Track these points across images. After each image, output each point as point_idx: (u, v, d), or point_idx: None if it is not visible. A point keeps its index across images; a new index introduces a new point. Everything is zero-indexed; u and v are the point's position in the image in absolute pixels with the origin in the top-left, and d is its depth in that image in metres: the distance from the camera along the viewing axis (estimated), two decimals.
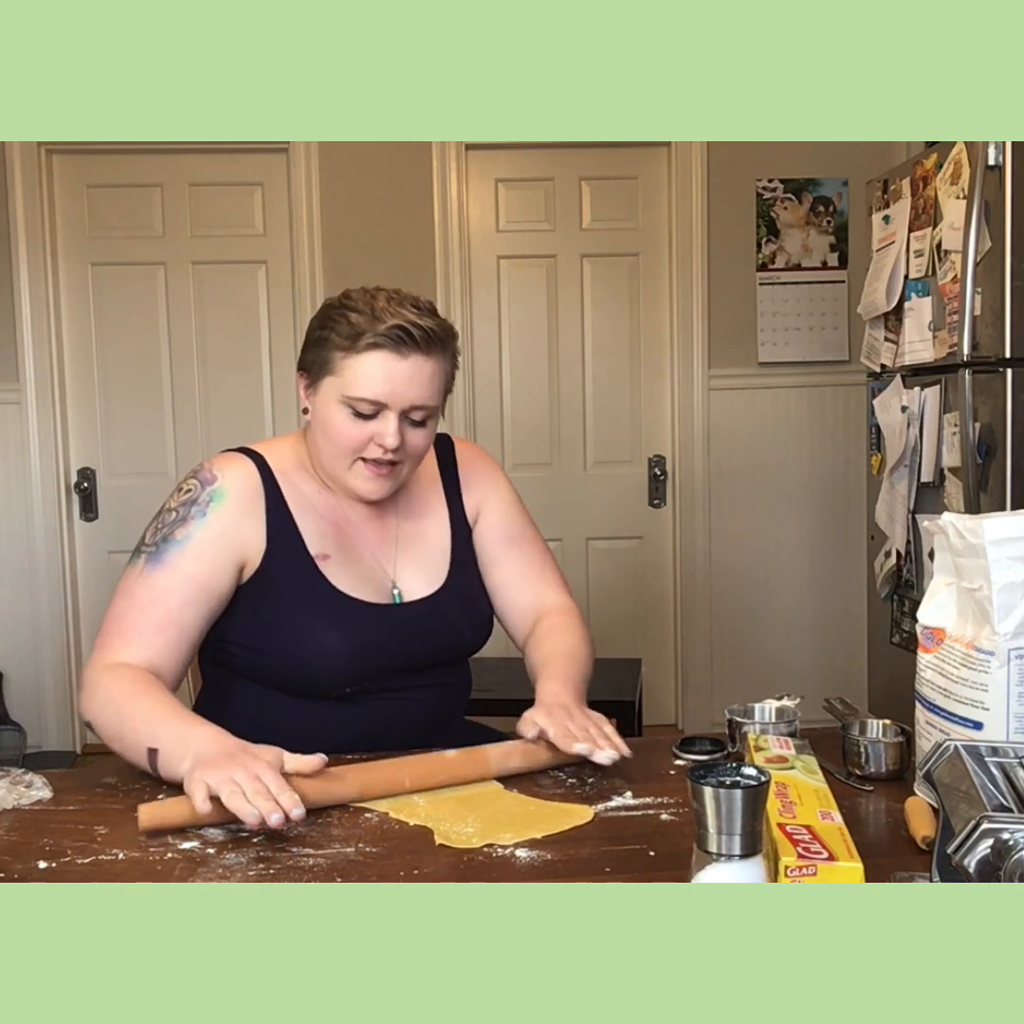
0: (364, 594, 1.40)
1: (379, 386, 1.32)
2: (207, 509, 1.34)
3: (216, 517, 1.34)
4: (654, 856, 1.04)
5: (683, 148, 3.58)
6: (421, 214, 3.56)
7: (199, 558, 1.32)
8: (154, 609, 1.30)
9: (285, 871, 1.02)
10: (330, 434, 1.36)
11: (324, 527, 1.41)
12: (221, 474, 1.37)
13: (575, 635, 1.48)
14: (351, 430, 1.35)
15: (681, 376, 3.66)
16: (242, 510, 1.36)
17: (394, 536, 1.47)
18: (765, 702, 1.29)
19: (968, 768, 0.87)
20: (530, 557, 1.54)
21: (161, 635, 1.30)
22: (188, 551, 1.32)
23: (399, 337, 1.31)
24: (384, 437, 1.33)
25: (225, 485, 1.36)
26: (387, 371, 1.32)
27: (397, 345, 1.31)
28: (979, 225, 2.29)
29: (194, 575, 1.32)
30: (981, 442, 2.37)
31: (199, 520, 1.33)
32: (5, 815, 1.17)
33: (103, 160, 3.53)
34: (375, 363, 1.31)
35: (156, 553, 1.33)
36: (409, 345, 1.31)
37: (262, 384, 3.64)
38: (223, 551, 1.34)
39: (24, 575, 3.57)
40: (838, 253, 3.62)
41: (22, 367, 3.50)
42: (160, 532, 1.35)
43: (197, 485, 1.37)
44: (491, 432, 3.68)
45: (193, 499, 1.35)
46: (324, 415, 1.37)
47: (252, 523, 1.36)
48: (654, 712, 3.71)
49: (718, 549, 3.71)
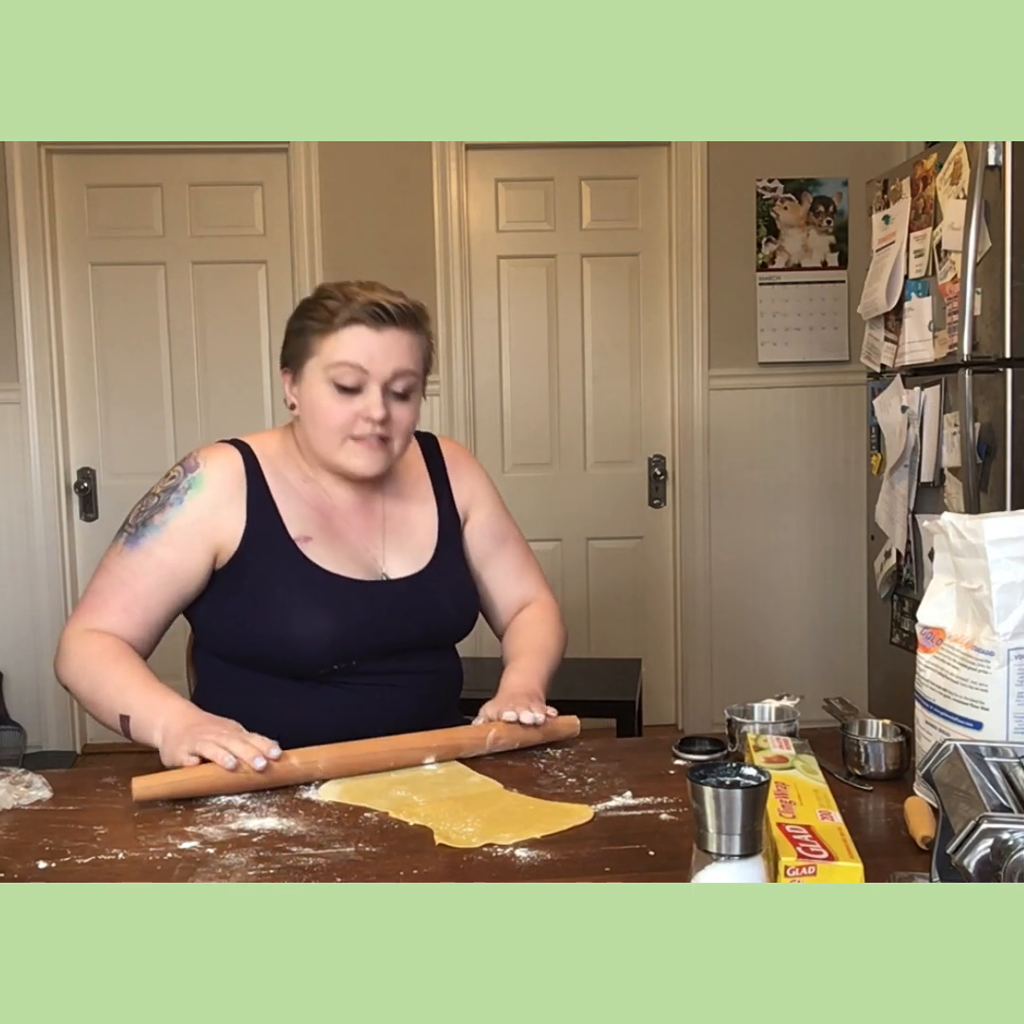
0: (348, 572, 1.44)
1: (360, 354, 1.39)
2: (184, 496, 1.41)
3: (192, 505, 1.41)
4: (654, 856, 1.04)
5: (683, 148, 3.58)
6: (421, 214, 3.56)
7: (172, 544, 1.40)
8: (124, 590, 1.40)
9: (285, 871, 1.02)
10: (318, 417, 1.42)
11: (307, 512, 1.46)
12: (204, 463, 1.44)
13: (547, 629, 1.58)
14: (338, 408, 1.40)
15: (681, 376, 3.66)
16: (220, 497, 1.42)
17: (381, 523, 1.50)
18: (765, 702, 1.29)
19: (968, 768, 0.87)
20: (515, 555, 1.63)
21: (127, 614, 1.39)
22: (163, 537, 1.40)
23: (375, 312, 1.38)
24: (370, 409, 1.39)
25: (205, 472, 1.43)
26: (365, 341, 1.39)
27: (373, 320, 1.39)
28: (979, 225, 2.29)
29: (165, 561, 1.40)
30: (981, 442, 2.37)
31: (176, 507, 1.41)
32: (5, 815, 1.17)
33: (103, 160, 3.53)
34: (353, 335, 1.39)
35: (135, 536, 1.42)
36: (385, 320, 1.39)
37: (262, 384, 3.65)
38: (196, 538, 1.41)
39: (24, 575, 3.57)
40: (838, 253, 3.62)
41: (22, 367, 3.50)
42: (142, 515, 1.43)
43: (180, 472, 1.44)
44: (491, 432, 3.68)
45: (174, 486, 1.43)
46: (311, 399, 1.42)
47: (231, 509, 1.42)
48: (654, 712, 3.71)
49: (718, 549, 3.71)
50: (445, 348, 3.59)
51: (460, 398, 3.60)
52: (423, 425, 1.55)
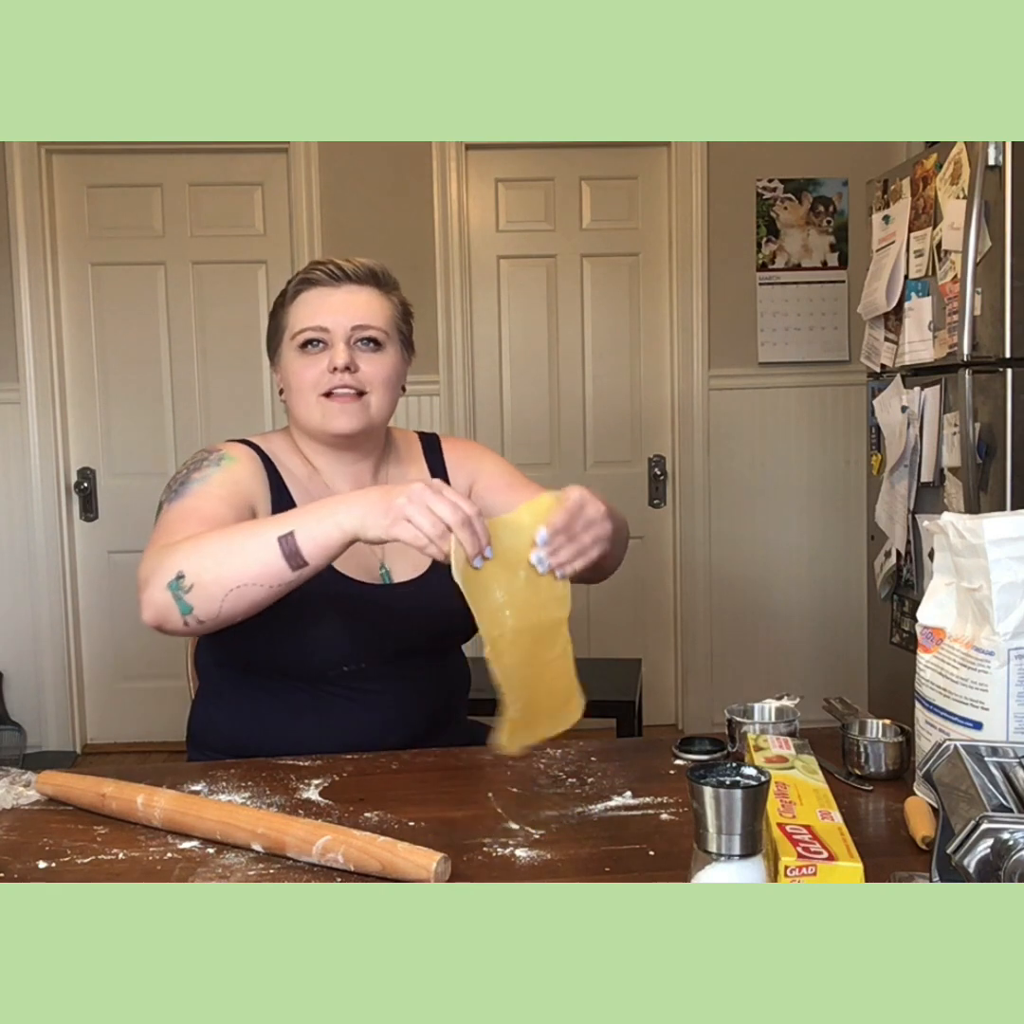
0: (354, 574, 1.41)
1: (318, 316, 1.41)
2: (220, 463, 1.39)
3: (230, 469, 1.38)
4: (654, 856, 1.04)
5: (683, 148, 3.58)
6: (421, 214, 3.56)
7: (222, 487, 1.35)
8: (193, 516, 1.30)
9: (285, 871, 1.02)
10: (292, 383, 1.43)
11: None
12: (227, 449, 1.43)
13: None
14: (306, 367, 1.41)
15: (681, 376, 3.66)
16: (253, 473, 1.41)
17: None
18: (765, 702, 1.29)
19: (968, 768, 0.87)
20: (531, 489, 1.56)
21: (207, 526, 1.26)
22: (211, 484, 1.35)
23: (330, 272, 1.42)
24: (333, 359, 1.40)
25: (233, 453, 1.42)
26: (322, 300, 1.42)
27: (329, 278, 1.42)
28: (979, 225, 2.29)
29: (220, 496, 1.34)
30: (981, 442, 2.37)
31: (214, 467, 1.38)
32: (5, 815, 1.17)
33: (103, 160, 3.53)
34: (310, 297, 1.42)
35: (178, 492, 1.35)
36: (340, 278, 1.42)
37: (262, 384, 3.64)
38: (239, 494, 1.36)
39: (24, 575, 3.57)
40: (838, 253, 3.62)
41: (22, 367, 3.51)
42: (176, 481, 1.37)
43: (206, 454, 1.42)
44: (491, 432, 3.68)
45: (204, 459, 1.40)
46: (286, 370, 1.45)
47: (261, 489, 1.40)
48: (654, 712, 3.71)
49: (718, 549, 3.71)
50: (445, 348, 3.59)
51: (460, 398, 3.60)
52: (423, 426, 1.55)
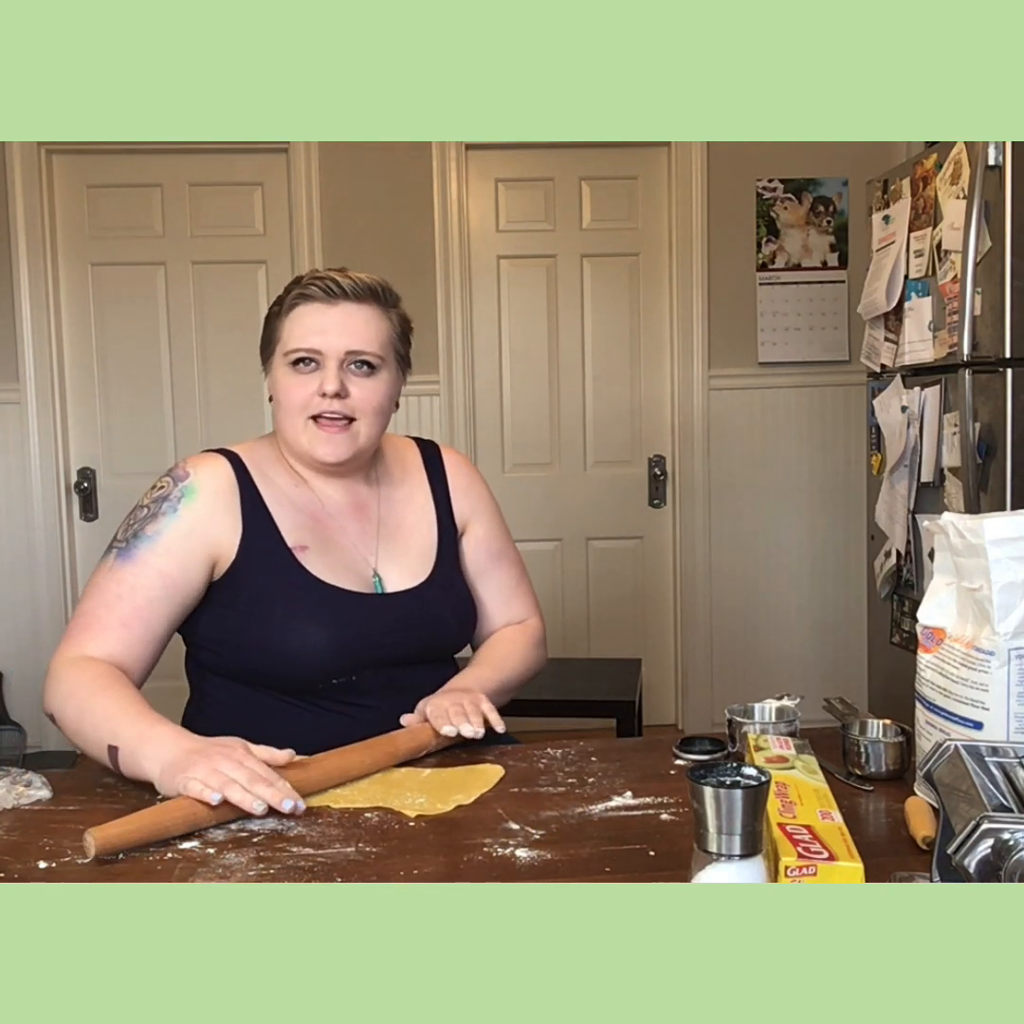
0: (345, 583, 1.40)
1: (312, 336, 1.38)
2: (179, 505, 1.35)
3: (188, 513, 1.35)
4: (654, 856, 1.04)
5: (683, 148, 3.58)
6: (421, 214, 3.56)
7: (169, 554, 1.33)
8: (121, 604, 1.31)
9: (285, 871, 1.02)
10: (281, 399, 1.43)
11: (301, 519, 1.42)
12: (194, 471, 1.39)
13: (513, 648, 1.53)
14: (296, 386, 1.40)
15: (681, 376, 3.66)
16: (215, 506, 1.37)
17: (376, 528, 1.47)
18: (765, 702, 1.29)
19: (968, 768, 0.87)
20: (509, 576, 1.60)
21: (127, 630, 1.30)
22: (158, 547, 1.33)
23: (327, 287, 1.38)
24: (323, 384, 1.38)
25: (197, 481, 1.37)
26: (317, 319, 1.38)
27: (326, 295, 1.38)
28: (979, 225, 2.29)
29: (163, 571, 1.32)
30: (981, 442, 2.37)
31: (170, 516, 1.34)
32: (5, 815, 1.17)
33: (103, 160, 3.53)
34: (305, 314, 1.39)
35: (126, 548, 1.33)
36: (337, 295, 1.38)
37: (262, 384, 3.62)
38: (194, 548, 1.34)
39: (24, 575, 3.58)
40: (838, 253, 3.62)
41: (22, 367, 3.51)
42: (131, 528, 1.35)
43: (170, 482, 1.38)
44: (491, 432, 3.68)
45: (165, 495, 1.36)
46: (276, 384, 1.44)
47: (226, 519, 1.37)
48: (654, 712, 3.71)
49: (718, 549, 3.71)
50: (445, 348, 3.59)
51: (460, 398, 3.60)
52: (423, 426, 1.55)
